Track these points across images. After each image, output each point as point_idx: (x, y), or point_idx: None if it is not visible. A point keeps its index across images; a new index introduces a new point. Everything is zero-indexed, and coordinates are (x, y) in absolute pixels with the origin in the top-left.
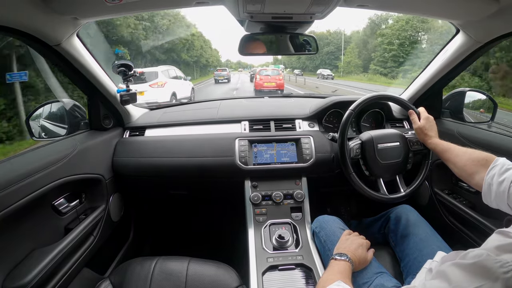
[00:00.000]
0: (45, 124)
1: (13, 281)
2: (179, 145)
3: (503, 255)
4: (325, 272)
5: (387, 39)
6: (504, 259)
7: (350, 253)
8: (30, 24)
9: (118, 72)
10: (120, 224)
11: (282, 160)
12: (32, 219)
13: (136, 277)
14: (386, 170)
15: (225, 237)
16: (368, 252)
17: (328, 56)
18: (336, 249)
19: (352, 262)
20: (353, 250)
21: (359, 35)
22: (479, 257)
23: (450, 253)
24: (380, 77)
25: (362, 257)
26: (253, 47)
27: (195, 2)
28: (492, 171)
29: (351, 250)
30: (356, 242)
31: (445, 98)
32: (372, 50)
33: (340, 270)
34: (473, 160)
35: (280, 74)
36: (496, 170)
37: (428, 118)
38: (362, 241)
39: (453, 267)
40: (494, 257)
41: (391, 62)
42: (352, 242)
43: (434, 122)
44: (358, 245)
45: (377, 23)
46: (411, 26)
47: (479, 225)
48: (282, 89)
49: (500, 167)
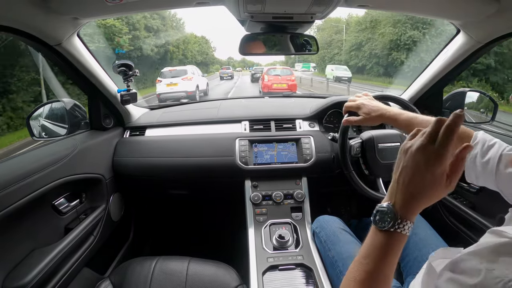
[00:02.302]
0: (46, 124)
1: (13, 281)
2: (179, 145)
3: (500, 259)
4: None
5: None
6: (505, 275)
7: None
8: (30, 24)
9: (119, 72)
10: (120, 224)
11: (282, 160)
12: (32, 219)
13: (136, 277)
14: (386, 170)
15: (225, 237)
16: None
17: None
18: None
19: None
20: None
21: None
22: (478, 275)
23: (438, 251)
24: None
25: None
26: (253, 47)
27: (195, 2)
28: (473, 151)
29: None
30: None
31: (446, 98)
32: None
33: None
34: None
35: (292, 74)
36: (478, 149)
37: (363, 96)
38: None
39: (450, 286)
40: (493, 274)
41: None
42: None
43: (371, 96)
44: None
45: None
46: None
47: (479, 225)
48: (294, 91)
49: (482, 145)
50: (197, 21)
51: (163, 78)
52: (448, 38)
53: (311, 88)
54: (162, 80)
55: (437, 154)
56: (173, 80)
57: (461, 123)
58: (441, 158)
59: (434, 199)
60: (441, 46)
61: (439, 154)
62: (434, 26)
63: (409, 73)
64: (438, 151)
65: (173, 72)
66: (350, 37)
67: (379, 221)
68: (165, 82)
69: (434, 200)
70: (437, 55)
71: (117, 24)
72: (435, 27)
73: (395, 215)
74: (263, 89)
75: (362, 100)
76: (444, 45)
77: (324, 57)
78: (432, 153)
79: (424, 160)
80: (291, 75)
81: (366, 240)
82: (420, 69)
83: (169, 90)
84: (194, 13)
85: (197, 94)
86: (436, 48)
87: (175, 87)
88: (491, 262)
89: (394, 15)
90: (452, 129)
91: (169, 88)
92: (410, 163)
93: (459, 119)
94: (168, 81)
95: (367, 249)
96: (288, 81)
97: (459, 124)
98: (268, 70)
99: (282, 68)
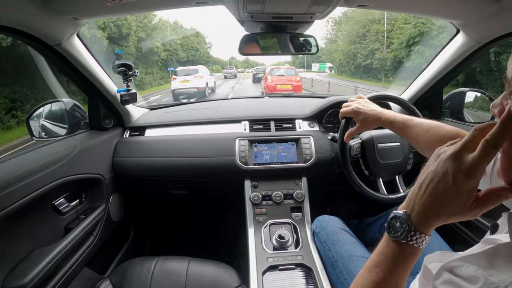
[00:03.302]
0: (45, 124)
1: (13, 281)
2: (179, 145)
3: (495, 264)
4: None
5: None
6: (502, 280)
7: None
8: (30, 24)
9: (118, 72)
10: (120, 224)
11: (282, 160)
12: (32, 219)
13: (136, 277)
14: (386, 170)
15: (225, 237)
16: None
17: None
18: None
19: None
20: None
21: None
22: (476, 282)
23: (434, 254)
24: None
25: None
26: (253, 47)
27: (195, 2)
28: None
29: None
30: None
31: (445, 98)
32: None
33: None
34: (441, 140)
35: (297, 74)
36: None
37: (357, 99)
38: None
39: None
40: (491, 280)
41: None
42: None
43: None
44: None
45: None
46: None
47: (479, 225)
48: (300, 93)
49: None
50: (197, 21)
51: (177, 76)
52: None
53: (311, 88)
54: (176, 78)
55: (469, 167)
56: (186, 78)
57: (505, 139)
58: (471, 173)
59: (454, 217)
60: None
61: (471, 168)
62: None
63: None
64: (470, 164)
65: (186, 71)
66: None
67: (391, 229)
68: (179, 79)
69: (453, 218)
70: (437, 55)
71: None
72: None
73: (408, 226)
74: (266, 90)
75: (356, 104)
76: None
77: (355, 54)
78: (464, 164)
79: (453, 169)
80: (296, 75)
81: (378, 246)
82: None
83: (183, 86)
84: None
85: (206, 90)
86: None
87: (188, 83)
88: (487, 268)
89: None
90: (492, 147)
91: (183, 85)
92: (439, 168)
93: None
94: (182, 79)
95: (378, 257)
96: (293, 82)
97: (504, 139)
98: (271, 70)
99: (286, 68)
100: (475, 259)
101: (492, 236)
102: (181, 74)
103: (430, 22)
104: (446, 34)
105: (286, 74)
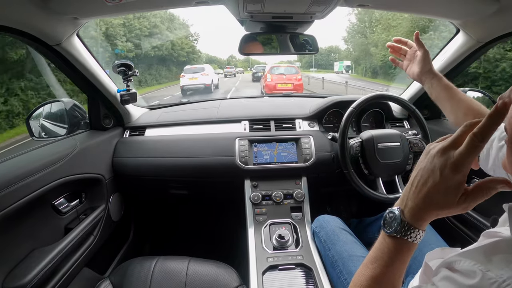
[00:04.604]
0: (45, 124)
1: (13, 281)
2: (179, 145)
3: (494, 259)
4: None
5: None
6: (499, 275)
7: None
8: (30, 24)
9: (118, 71)
10: (120, 224)
11: (282, 160)
12: (32, 219)
13: (136, 277)
14: (385, 170)
15: (225, 237)
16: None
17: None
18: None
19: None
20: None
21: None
22: (474, 276)
23: (435, 250)
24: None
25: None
26: (253, 46)
27: (195, 1)
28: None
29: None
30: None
31: None
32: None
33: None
34: (474, 113)
35: (298, 73)
36: (497, 133)
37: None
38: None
39: (446, 284)
40: (488, 275)
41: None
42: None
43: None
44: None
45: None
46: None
47: (479, 224)
48: (301, 92)
49: (501, 130)
50: (196, 20)
51: (186, 74)
52: None
53: (308, 86)
54: (185, 75)
55: (455, 161)
56: (194, 75)
57: (492, 133)
58: (458, 167)
59: (445, 211)
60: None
61: (457, 162)
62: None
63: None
64: (456, 158)
65: (194, 69)
66: None
67: (386, 225)
68: (187, 76)
69: (444, 212)
70: (437, 54)
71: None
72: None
73: (402, 221)
74: (266, 90)
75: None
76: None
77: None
78: (450, 158)
79: (440, 163)
80: (297, 73)
81: (375, 243)
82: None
83: (191, 82)
84: (194, 12)
85: (212, 87)
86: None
87: (195, 80)
88: (485, 263)
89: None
90: (474, 142)
91: (191, 81)
92: (428, 164)
93: (494, 125)
94: (190, 76)
95: (375, 253)
96: (293, 81)
97: (487, 134)
98: (271, 68)
99: (286, 66)
100: (473, 253)
101: (493, 229)
102: (189, 72)
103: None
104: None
105: (286, 72)
